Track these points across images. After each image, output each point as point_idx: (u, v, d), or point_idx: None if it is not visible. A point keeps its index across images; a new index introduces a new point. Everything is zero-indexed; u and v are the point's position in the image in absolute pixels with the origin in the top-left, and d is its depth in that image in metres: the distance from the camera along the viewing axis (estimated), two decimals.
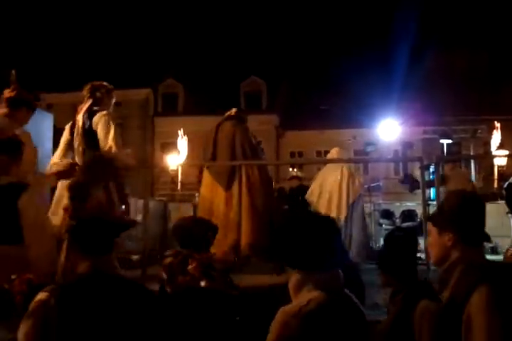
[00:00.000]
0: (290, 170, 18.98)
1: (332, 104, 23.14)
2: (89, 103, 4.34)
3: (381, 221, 10.03)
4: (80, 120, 4.26)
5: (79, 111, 4.34)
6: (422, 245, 7.32)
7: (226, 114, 5.84)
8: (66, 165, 3.95)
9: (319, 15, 40.39)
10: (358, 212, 6.89)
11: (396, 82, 21.68)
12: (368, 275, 4.84)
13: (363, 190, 7.64)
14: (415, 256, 2.72)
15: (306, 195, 7.09)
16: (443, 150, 10.63)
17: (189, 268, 2.47)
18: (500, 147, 9.98)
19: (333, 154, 7.28)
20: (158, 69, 25.92)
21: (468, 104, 21.17)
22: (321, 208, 6.65)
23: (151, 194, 15.13)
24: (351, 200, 6.83)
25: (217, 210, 5.38)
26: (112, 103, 4.55)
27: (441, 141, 11.01)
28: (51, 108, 15.23)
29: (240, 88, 26.72)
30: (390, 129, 16.16)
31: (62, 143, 4.39)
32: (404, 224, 9.57)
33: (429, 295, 2.43)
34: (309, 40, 30.75)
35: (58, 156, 4.33)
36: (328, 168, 7.17)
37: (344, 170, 6.94)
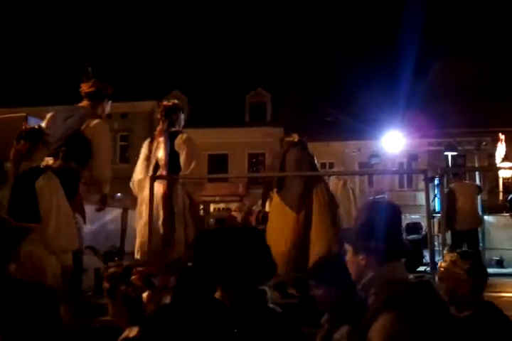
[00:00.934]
0: None
1: (337, 116, 23.20)
2: (166, 125, 4.78)
3: None
4: (162, 142, 4.71)
5: (157, 134, 4.80)
6: (427, 258, 7.31)
7: (288, 139, 5.92)
8: None
9: (325, 28, 40.63)
10: None
11: (401, 94, 21.71)
12: None
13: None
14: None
15: None
16: (448, 162, 10.61)
17: (132, 278, 2.53)
18: (505, 159, 9.99)
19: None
20: (164, 81, 26.07)
21: (473, 116, 21.16)
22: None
23: None
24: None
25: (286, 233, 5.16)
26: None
27: (445, 153, 10.98)
28: None
29: (245, 100, 26.82)
30: (394, 141, 16.16)
31: (142, 159, 4.82)
32: (409, 237, 9.54)
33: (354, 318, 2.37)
34: (315, 52, 30.91)
35: (141, 172, 4.80)
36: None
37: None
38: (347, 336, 2.39)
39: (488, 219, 10.15)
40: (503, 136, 19.21)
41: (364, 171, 19.68)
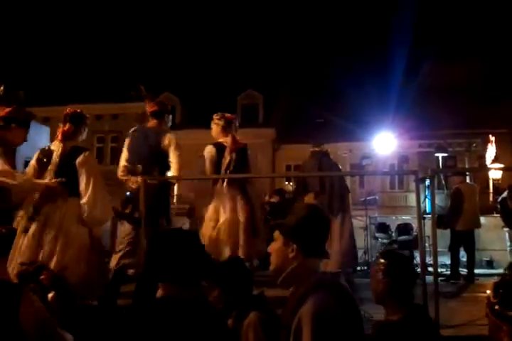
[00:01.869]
0: (286, 184, 18.98)
1: (328, 118, 23.24)
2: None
3: (377, 234, 10.01)
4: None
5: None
6: (417, 259, 7.34)
7: (316, 149, 6.73)
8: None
9: (316, 31, 40.70)
10: None
11: (392, 96, 21.82)
12: (367, 289, 4.83)
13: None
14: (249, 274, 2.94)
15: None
16: (438, 163, 10.65)
17: (41, 278, 2.67)
18: (495, 160, 10.04)
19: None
20: (155, 82, 26.02)
21: (464, 117, 21.28)
22: None
23: None
24: None
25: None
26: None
27: (436, 154, 11.02)
28: (48, 121, 15.25)
29: (237, 101, 26.81)
30: (385, 143, 16.21)
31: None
32: (400, 238, 9.57)
33: (260, 307, 2.65)
34: (307, 54, 30.99)
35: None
36: None
37: None
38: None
39: None
40: (493, 138, 19.33)
41: (355, 172, 19.73)
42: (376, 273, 2.62)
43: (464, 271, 7.79)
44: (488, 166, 17.19)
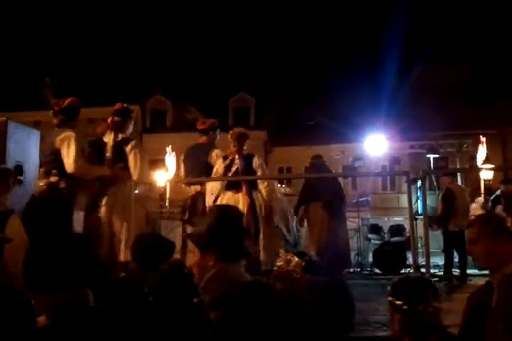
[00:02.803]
0: (278, 186, 18.95)
1: (320, 120, 23.28)
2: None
3: (369, 236, 10.03)
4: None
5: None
6: (410, 260, 7.35)
7: (315, 161, 7.70)
8: None
9: (307, 32, 40.83)
10: None
11: (383, 98, 21.88)
12: (360, 290, 4.84)
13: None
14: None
15: None
16: (430, 164, 10.69)
17: None
18: (486, 161, 10.09)
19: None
20: (147, 85, 25.99)
21: (454, 118, 21.39)
22: None
23: None
24: None
25: None
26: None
27: (427, 155, 11.06)
28: (38, 125, 15.17)
29: (229, 104, 26.81)
30: (377, 144, 16.25)
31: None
32: (393, 239, 9.59)
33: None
34: (298, 57, 31.05)
35: None
36: None
37: None
38: None
39: None
40: (484, 139, 19.39)
41: (348, 174, 19.78)
42: (291, 273, 2.58)
43: (457, 271, 7.81)
44: (479, 166, 17.26)
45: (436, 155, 11.11)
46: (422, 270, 5.34)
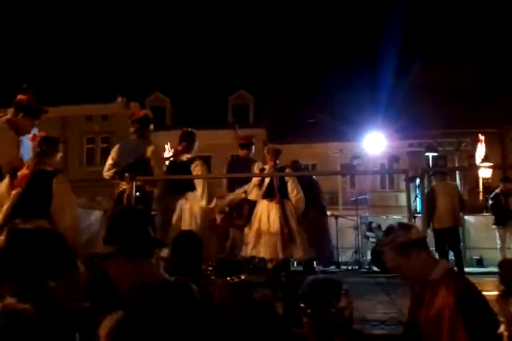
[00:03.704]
0: None
1: (319, 118, 23.29)
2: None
3: (368, 234, 10.04)
4: None
5: None
6: None
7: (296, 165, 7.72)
8: None
9: (307, 31, 40.80)
10: None
11: (382, 96, 21.91)
12: (358, 288, 4.83)
13: None
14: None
15: None
16: (428, 162, 10.71)
17: None
18: (484, 159, 10.13)
19: None
20: (146, 83, 25.98)
21: (453, 117, 21.39)
22: None
23: None
24: None
25: None
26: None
27: (426, 153, 11.08)
28: None
29: (228, 102, 26.79)
30: (376, 142, 16.28)
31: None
32: None
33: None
34: (297, 55, 31.06)
35: None
36: None
37: None
38: None
39: (469, 219, 10.24)
40: (482, 137, 19.44)
41: (346, 172, 19.77)
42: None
43: (454, 269, 7.82)
44: (477, 165, 17.31)
45: (435, 154, 11.13)
46: None
